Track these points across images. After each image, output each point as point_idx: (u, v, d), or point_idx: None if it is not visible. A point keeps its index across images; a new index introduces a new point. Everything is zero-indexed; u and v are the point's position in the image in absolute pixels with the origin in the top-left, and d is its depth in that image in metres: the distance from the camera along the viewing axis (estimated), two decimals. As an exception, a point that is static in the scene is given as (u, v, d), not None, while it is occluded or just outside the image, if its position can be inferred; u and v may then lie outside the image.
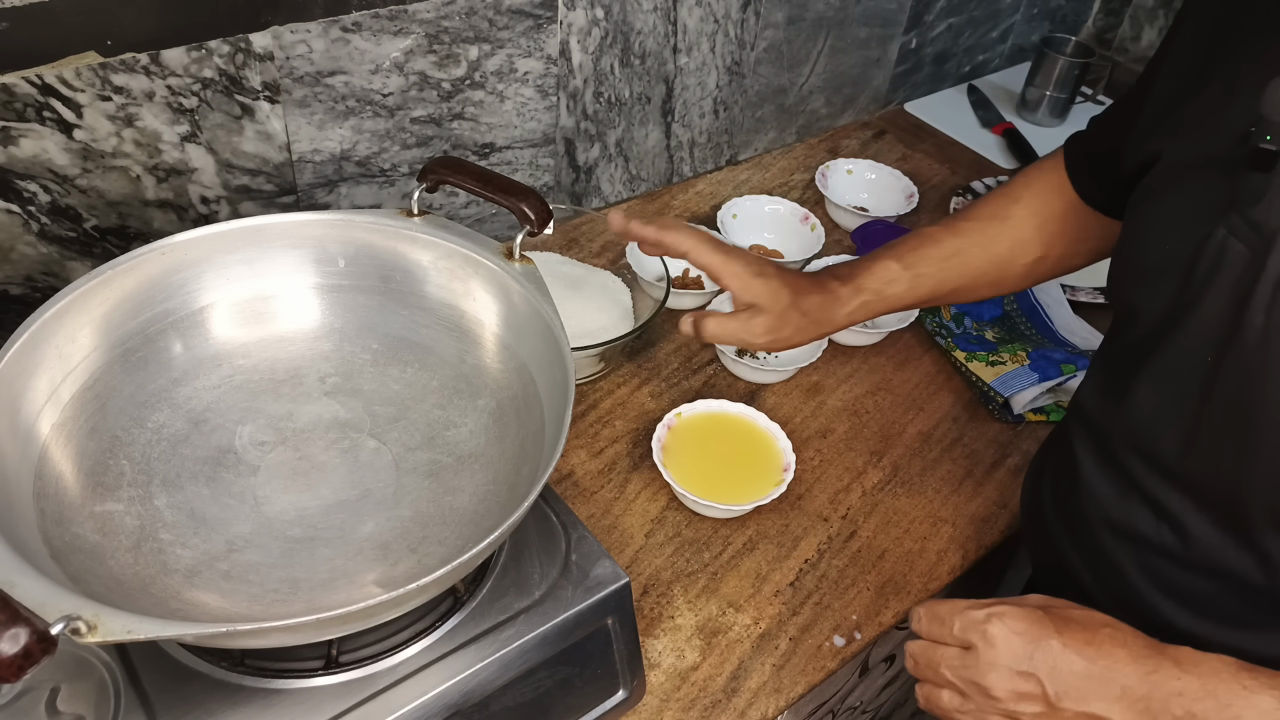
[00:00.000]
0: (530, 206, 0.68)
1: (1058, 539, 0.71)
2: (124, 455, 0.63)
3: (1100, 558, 0.65)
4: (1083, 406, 0.68)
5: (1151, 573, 0.62)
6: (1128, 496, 0.62)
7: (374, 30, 0.84)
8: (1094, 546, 0.66)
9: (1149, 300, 0.59)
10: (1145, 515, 0.61)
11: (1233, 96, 0.56)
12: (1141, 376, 0.60)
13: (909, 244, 0.79)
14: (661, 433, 0.83)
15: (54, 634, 0.42)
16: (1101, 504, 0.64)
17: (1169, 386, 0.58)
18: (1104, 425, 0.64)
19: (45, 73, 0.70)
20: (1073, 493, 0.68)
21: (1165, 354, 0.58)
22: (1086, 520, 0.66)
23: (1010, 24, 1.52)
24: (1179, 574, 0.60)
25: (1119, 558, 0.63)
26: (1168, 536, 0.60)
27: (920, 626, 0.59)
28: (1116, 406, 0.63)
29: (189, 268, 0.67)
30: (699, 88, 1.16)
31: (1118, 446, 0.63)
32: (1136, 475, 0.61)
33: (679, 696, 0.70)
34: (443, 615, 0.61)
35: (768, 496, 0.79)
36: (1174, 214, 0.58)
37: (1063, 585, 0.70)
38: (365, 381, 0.71)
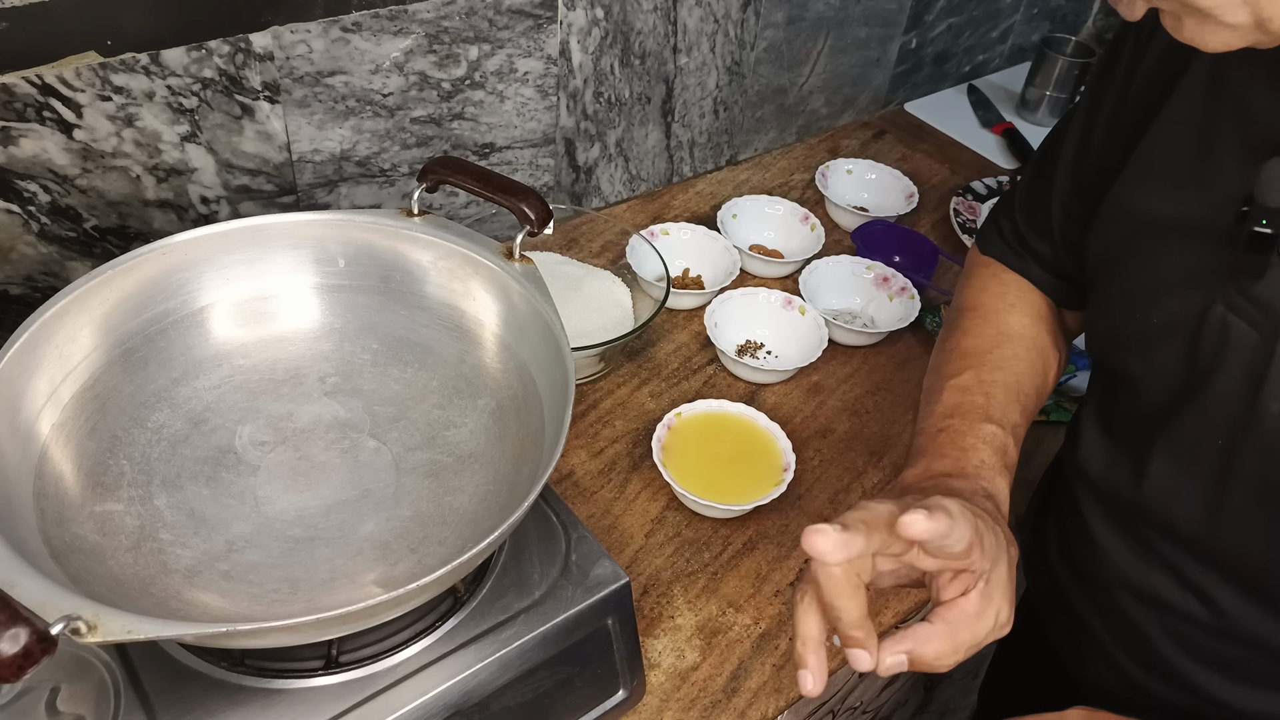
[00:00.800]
0: (530, 206, 0.68)
1: (1071, 598, 0.68)
2: (124, 455, 0.63)
3: (1119, 620, 0.63)
4: (1086, 471, 0.64)
5: (1179, 639, 0.60)
6: (1148, 565, 0.60)
7: (374, 30, 0.84)
8: (1114, 610, 0.63)
9: (1147, 368, 0.58)
10: (1169, 584, 0.59)
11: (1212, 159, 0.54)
12: (1155, 452, 0.58)
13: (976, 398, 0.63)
14: (661, 433, 0.83)
15: (54, 634, 0.42)
16: (1119, 569, 0.62)
17: (1185, 464, 0.57)
18: (1115, 495, 0.62)
19: (45, 73, 0.70)
20: (1085, 553, 0.65)
21: (1179, 431, 0.56)
22: (1103, 583, 0.64)
23: (1010, 24, 1.52)
24: (1209, 640, 0.59)
25: (1142, 622, 0.61)
26: (1195, 607, 0.58)
27: None
28: (1130, 479, 0.60)
29: (189, 268, 0.67)
30: (699, 88, 1.16)
31: (1133, 518, 0.61)
32: (1156, 546, 0.59)
33: (679, 696, 0.70)
34: (443, 615, 0.61)
35: (768, 496, 0.79)
36: (1162, 279, 0.56)
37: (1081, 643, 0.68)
38: (365, 381, 0.71)
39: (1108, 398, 0.64)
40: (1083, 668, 0.70)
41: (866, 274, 1.06)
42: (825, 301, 1.05)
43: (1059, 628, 0.73)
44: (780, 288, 1.04)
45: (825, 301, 1.05)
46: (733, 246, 1.05)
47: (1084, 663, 0.69)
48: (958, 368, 0.66)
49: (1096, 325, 0.63)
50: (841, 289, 1.06)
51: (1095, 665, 0.67)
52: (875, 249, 1.12)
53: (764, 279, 1.08)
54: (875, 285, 1.06)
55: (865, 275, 1.06)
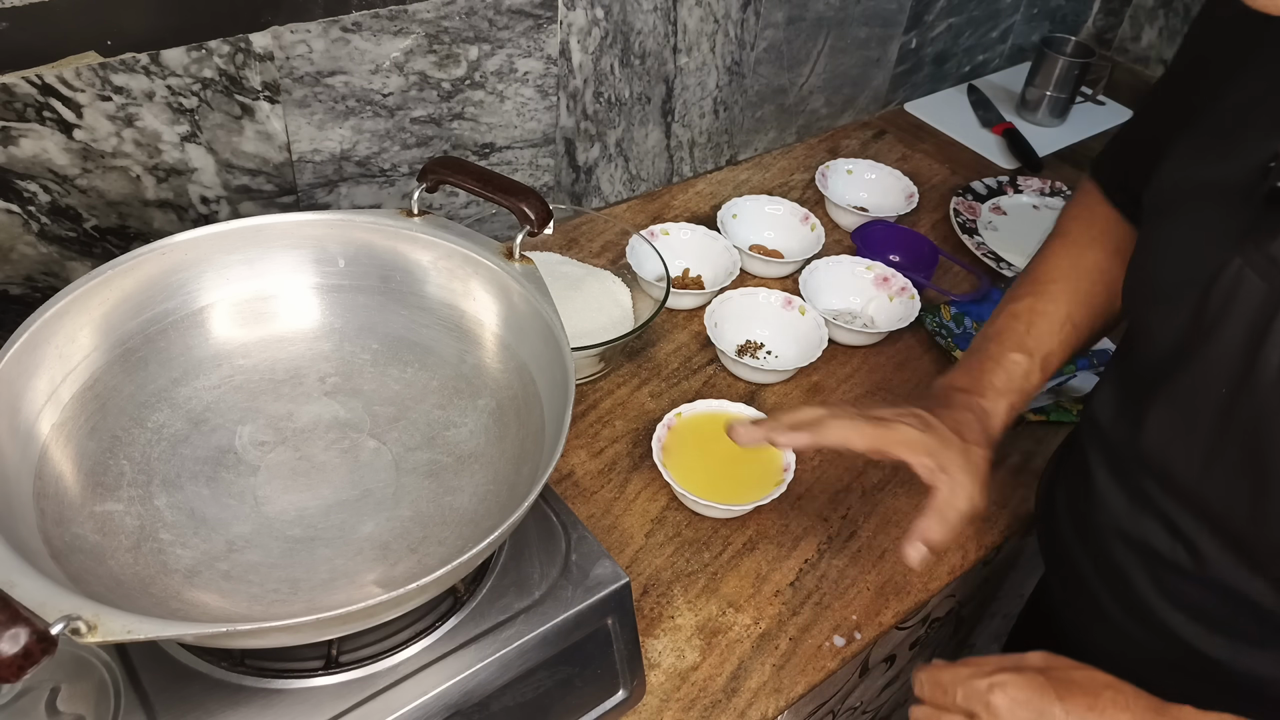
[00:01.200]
0: (530, 206, 0.68)
1: (1069, 544, 0.70)
2: (124, 455, 0.63)
3: (1111, 567, 0.65)
4: (1096, 420, 0.67)
5: (1164, 587, 0.61)
6: (1141, 512, 0.62)
7: (374, 30, 0.84)
8: (1105, 555, 0.66)
9: (1162, 322, 0.59)
10: (1158, 531, 0.61)
11: (1247, 123, 0.56)
12: (1157, 401, 0.59)
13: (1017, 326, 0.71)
14: (661, 433, 0.83)
15: (54, 634, 0.42)
16: (1114, 515, 0.64)
17: (1184, 415, 0.58)
18: (1118, 442, 0.64)
19: (45, 73, 0.70)
20: (1085, 501, 0.67)
21: (1180, 382, 0.57)
22: (1098, 529, 0.66)
23: (1010, 24, 1.52)
24: (1192, 589, 0.60)
25: (1130, 569, 0.63)
26: (1181, 555, 0.60)
27: (923, 692, 0.59)
28: (1131, 427, 0.62)
29: (189, 268, 0.67)
30: (699, 88, 1.16)
31: (1131, 465, 0.63)
32: (1150, 494, 0.61)
33: (679, 696, 0.70)
34: (443, 615, 0.61)
35: (768, 496, 0.79)
36: (1189, 237, 0.58)
37: (1075, 590, 0.70)
38: (365, 381, 0.71)
39: (1126, 351, 0.66)
40: (1077, 618, 0.72)
41: (866, 274, 1.06)
42: (825, 301, 1.05)
43: (1059, 579, 0.75)
44: (780, 288, 1.04)
45: (825, 301, 1.05)
46: (733, 246, 1.05)
47: (1078, 613, 0.71)
48: (1021, 292, 0.74)
49: (1128, 279, 0.65)
50: (841, 289, 1.06)
51: (1088, 615, 0.69)
52: (875, 249, 1.12)
53: (764, 279, 1.08)
54: (875, 285, 1.06)
55: (865, 275, 1.06)
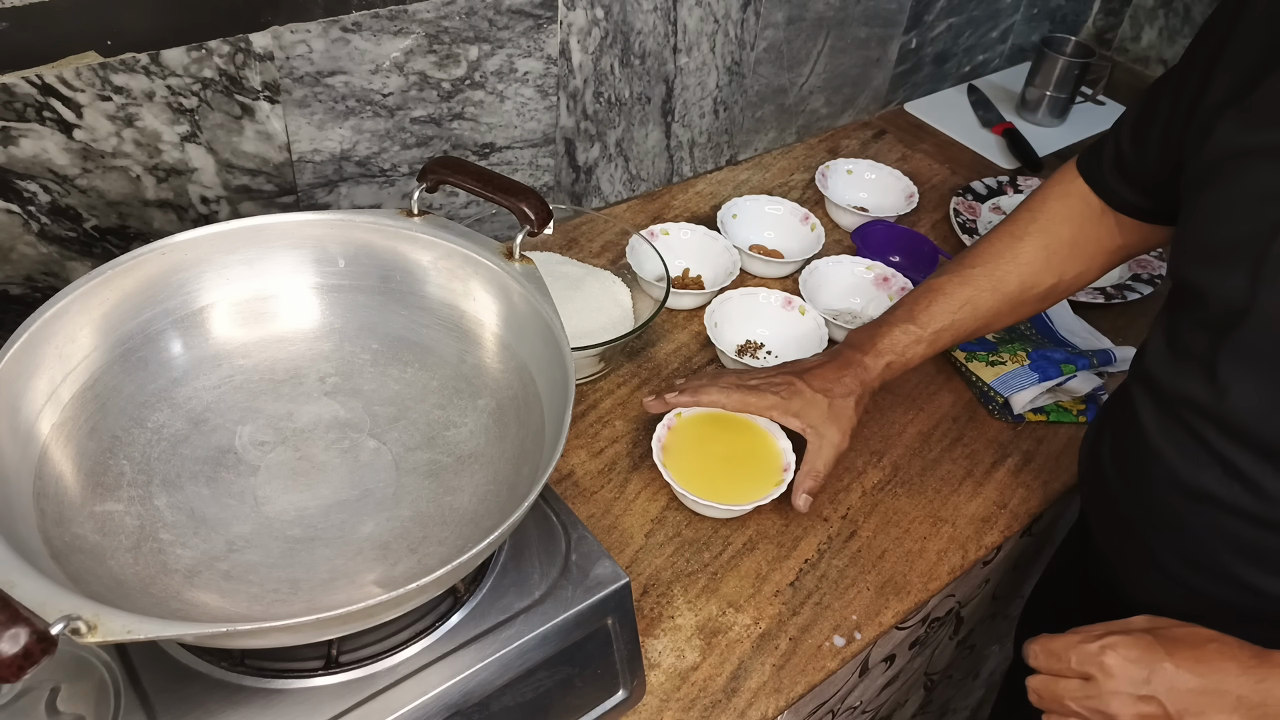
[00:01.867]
0: (530, 206, 0.68)
1: (1118, 496, 0.72)
2: (124, 455, 0.63)
3: (1167, 516, 0.67)
4: (1151, 376, 0.69)
5: (1222, 531, 0.63)
6: (1195, 456, 0.64)
7: (374, 30, 0.84)
8: (1160, 506, 0.67)
9: (1219, 281, 0.61)
10: (1215, 474, 0.63)
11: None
12: (1221, 354, 0.62)
13: (920, 303, 0.84)
14: (661, 433, 0.83)
15: (54, 634, 0.42)
16: (1170, 466, 0.66)
17: (1249, 363, 0.60)
18: (1176, 396, 0.66)
19: (45, 73, 0.70)
20: (1137, 457, 0.69)
21: (1244, 332, 0.60)
22: (1152, 481, 0.68)
23: (1010, 24, 1.52)
24: (1252, 531, 0.62)
25: (1185, 515, 0.65)
26: (1241, 495, 0.61)
27: (1038, 662, 0.62)
28: (1190, 380, 0.64)
29: (189, 268, 0.67)
30: (699, 88, 1.16)
31: (1190, 415, 0.64)
32: (1207, 438, 0.63)
33: (679, 696, 0.70)
34: (443, 615, 0.61)
35: (768, 496, 0.79)
36: (1244, 199, 0.60)
37: (1123, 542, 0.72)
38: (365, 381, 0.71)
39: (1178, 312, 0.68)
40: (1128, 571, 0.74)
41: (866, 274, 1.06)
42: (825, 301, 1.05)
43: (1108, 535, 0.77)
44: (780, 288, 1.04)
45: (825, 301, 1.05)
46: (733, 246, 1.05)
47: (1129, 566, 0.73)
48: (942, 271, 0.86)
49: (1181, 241, 0.67)
50: (841, 289, 1.06)
51: (1141, 567, 0.71)
52: (875, 249, 1.12)
53: (764, 279, 1.08)
54: (875, 285, 1.06)
55: (865, 275, 1.06)
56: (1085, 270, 0.83)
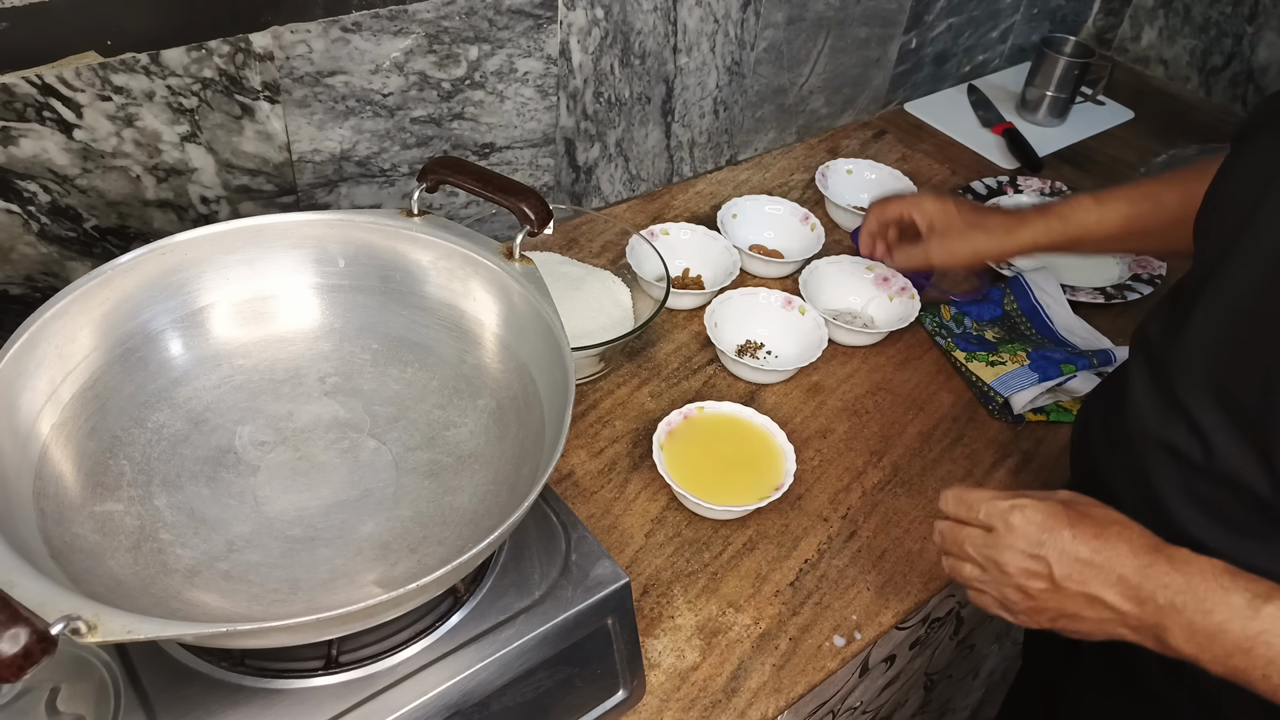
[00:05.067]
0: (530, 206, 0.68)
1: (1099, 453, 0.76)
2: (124, 455, 0.63)
3: (1136, 469, 0.69)
4: (1146, 335, 0.72)
5: (1178, 481, 0.66)
6: (1169, 413, 0.66)
7: (374, 30, 0.84)
8: (1131, 457, 0.70)
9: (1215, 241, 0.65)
10: (1181, 430, 0.65)
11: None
12: (1200, 307, 0.65)
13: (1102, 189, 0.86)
14: (661, 433, 0.83)
15: (54, 634, 0.42)
16: (1143, 419, 0.69)
17: (1223, 307, 0.63)
18: (1161, 350, 0.69)
19: (45, 73, 0.70)
20: (1119, 410, 0.72)
21: (1219, 289, 0.63)
22: (1128, 435, 0.70)
23: (1010, 24, 1.52)
24: (1202, 483, 0.64)
25: (1152, 468, 0.68)
26: (1196, 450, 0.64)
27: (948, 507, 0.67)
28: (1173, 335, 0.67)
29: (189, 268, 0.67)
30: (699, 88, 1.16)
31: (1168, 369, 0.67)
32: (1179, 394, 0.65)
33: (679, 696, 0.70)
34: (443, 615, 0.61)
35: (768, 497, 0.79)
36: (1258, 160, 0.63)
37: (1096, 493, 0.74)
38: (365, 381, 0.71)
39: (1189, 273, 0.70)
40: None
41: (866, 274, 1.06)
42: (825, 301, 1.05)
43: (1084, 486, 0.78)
44: (780, 288, 1.04)
45: (825, 301, 1.05)
46: (733, 247, 1.05)
47: None
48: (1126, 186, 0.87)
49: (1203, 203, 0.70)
50: (841, 289, 1.06)
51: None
52: None
53: (764, 279, 1.08)
54: (875, 285, 1.06)
55: (865, 275, 1.06)
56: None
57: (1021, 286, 1.08)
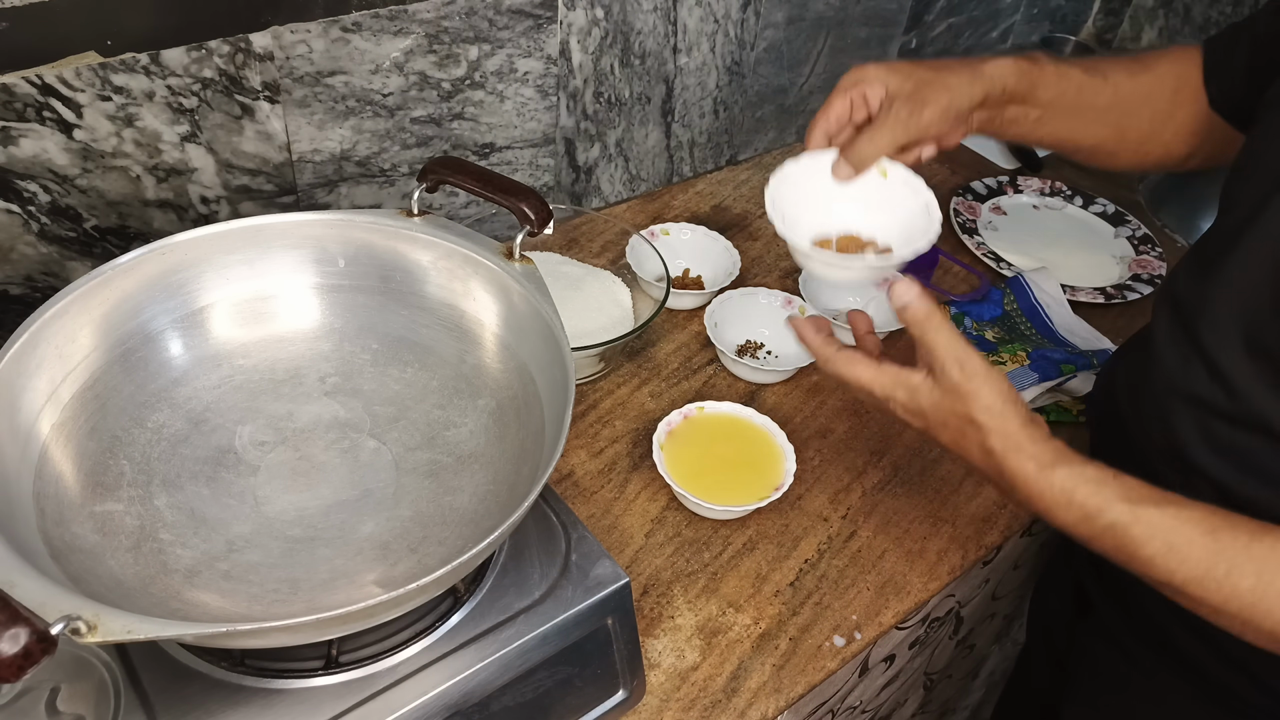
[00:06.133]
0: (530, 206, 0.68)
1: (1119, 405, 0.76)
2: (124, 455, 0.63)
3: (1159, 418, 0.70)
4: (1172, 291, 0.72)
5: (1202, 429, 0.66)
6: (1190, 362, 0.67)
7: (374, 30, 0.84)
8: (1155, 408, 0.70)
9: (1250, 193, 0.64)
10: (1201, 377, 0.65)
11: None
12: (1233, 259, 0.64)
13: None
14: (661, 433, 0.83)
15: (54, 634, 0.42)
16: (1167, 369, 0.69)
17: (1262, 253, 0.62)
18: (1186, 303, 0.68)
19: (45, 73, 0.70)
20: (1143, 366, 0.72)
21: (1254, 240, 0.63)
22: (1152, 386, 0.71)
23: (1010, 24, 1.52)
24: (1225, 429, 0.65)
25: (1171, 415, 0.68)
26: (1219, 395, 0.64)
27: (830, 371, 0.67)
28: (1202, 286, 0.67)
29: (189, 268, 0.67)
30: (699, 88, 1.16)
31: (1194, 321, 0.67)
32: (1204, 343, 0.65)
33: (679, 696, 0.70)
34: (443, 615, 0.61)
35: (768, 497, 0.79)
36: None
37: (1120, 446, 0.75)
38: (365, 381, 0.71)
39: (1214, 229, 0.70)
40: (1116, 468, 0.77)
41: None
42: (825, 302, 1.05)
43: (1108, 441, 0.80)
44: (780, 288, 1.04)
45: (825, 302, 1.05)
46: (733, 247, 1.05)
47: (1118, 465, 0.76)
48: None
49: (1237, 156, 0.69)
50: (842, 289, 1.06)
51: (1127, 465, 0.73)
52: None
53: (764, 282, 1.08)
54: (875, 285, 1.06)
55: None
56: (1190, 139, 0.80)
57: (1021, 286, 1.08)
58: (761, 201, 1.20)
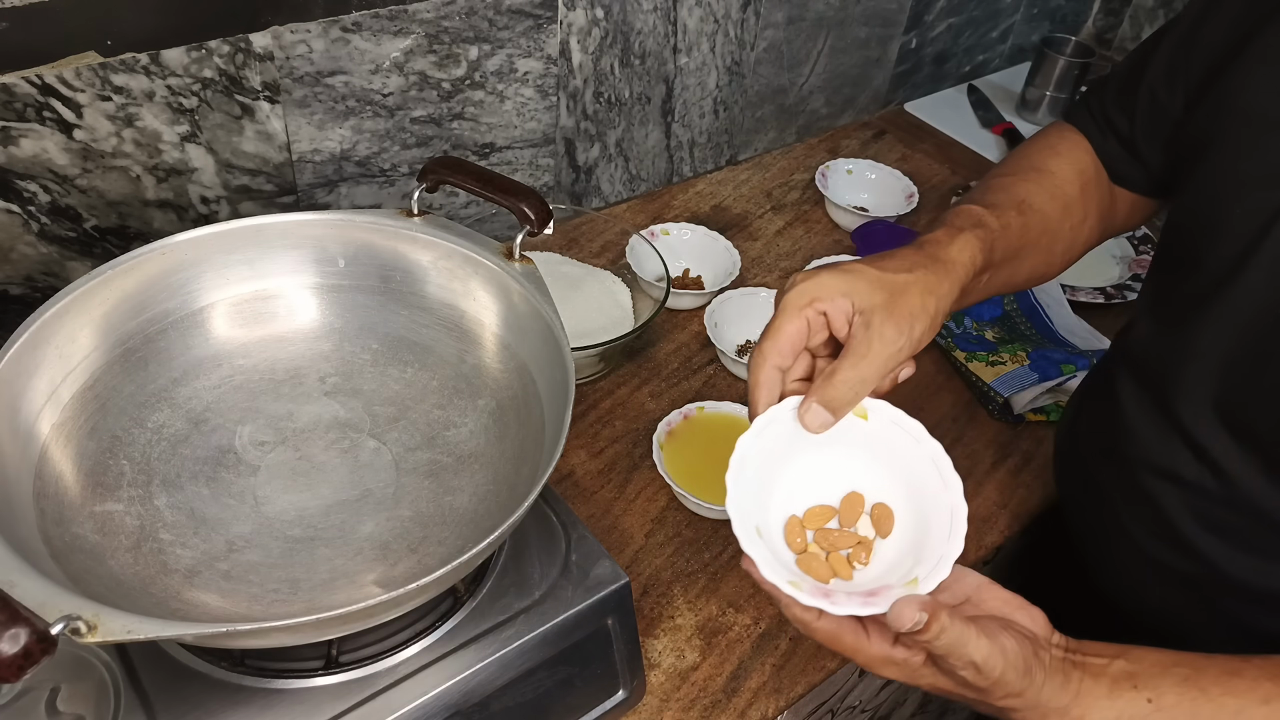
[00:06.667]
0: (530, 206, 0.68)
1: (1096, 477, 0.73)
2: (124, 455, 0.63)
3: (1140, 494, 0.67)
4: (1131, 353, 0.69)
5: (1191, 509, 0.64)
6: (1169, 440, 0.64)
7: (374, 30, 0.84)
8: (1134, 484, 0.67)
9: (1215, 253, 0.60)
10: (1186, 458, 0.63)
11: None
12: (1206, 326, 0.61)
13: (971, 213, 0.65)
14: (661, 433, 0.83)
15: (54, 634, 0.42)
16: (1144, 446, 0.66)
17: (1231, 338, 0.59)
18: (1155, 371, 0.65)
19: (45, 73, 0.70)
20: (1114, 434, 0.69)
21: (1232, 307, 0.59)
22: (1127, 461, 0.68)
23: (1010, 24, 1.52)
24: (1218, 510, 0.62)
25: (1158, 496, 0.66)
26: (1208, 480, 0.62)
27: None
28: (1172, 353, 0.64)
29: (189, 268, 0.67)
30: (699, 88, 1.16)
31: (1168, 391, 0.64)
32: (1184, 420, 0.63)
33: (679, 696, 0.70)
34: (443, 615, 0.61)
35: (768, 497, 0.79)
36: (1256, 172, 0.58)
37: (1097, 517, 0.73)
38: (365, 381, 0.71)
39: (1166, 280, 0.67)
40: (1099, 547, 0.74)
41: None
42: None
43: (1081, 512, 0.77)
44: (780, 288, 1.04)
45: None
46: (733, 247, 1.05)
47: (1099, 541, 0.74)
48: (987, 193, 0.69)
49: (1179, 211, 0.66)
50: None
51: (1111, 541, 0.71)
52: (875, 249, 1.12)
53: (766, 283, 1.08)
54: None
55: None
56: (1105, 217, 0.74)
57: (1021, 286, 1.08)
58: (761, 201, 1.21)
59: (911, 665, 0.51)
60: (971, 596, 0.54)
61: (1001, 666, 0.49)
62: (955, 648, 0.48)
